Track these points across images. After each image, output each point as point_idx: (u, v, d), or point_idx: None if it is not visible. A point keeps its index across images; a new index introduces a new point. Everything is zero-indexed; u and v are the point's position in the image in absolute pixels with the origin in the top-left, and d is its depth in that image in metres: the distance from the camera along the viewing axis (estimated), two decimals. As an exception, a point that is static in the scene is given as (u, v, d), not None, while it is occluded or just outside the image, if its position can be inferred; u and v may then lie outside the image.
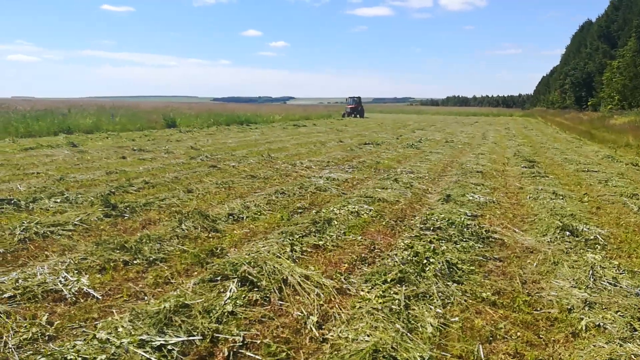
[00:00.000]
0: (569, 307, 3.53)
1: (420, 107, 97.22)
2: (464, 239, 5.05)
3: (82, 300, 3.47)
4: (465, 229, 5.36)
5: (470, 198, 7.16)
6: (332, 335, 3.04)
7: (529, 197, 7.40)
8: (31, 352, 2.77)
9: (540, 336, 3.15)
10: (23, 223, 5.07)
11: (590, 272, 4.12)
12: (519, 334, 3.16)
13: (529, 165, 10.99)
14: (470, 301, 3.60)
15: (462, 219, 5.78)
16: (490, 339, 3.09)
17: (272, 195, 7.08)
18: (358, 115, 42.05)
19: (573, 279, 4.01)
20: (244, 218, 5.78)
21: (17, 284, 3.61)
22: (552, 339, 3.12)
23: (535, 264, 4.46)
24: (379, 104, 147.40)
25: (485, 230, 5.38)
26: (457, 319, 3.31)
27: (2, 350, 2.78)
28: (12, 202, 6.03)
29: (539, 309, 3.54)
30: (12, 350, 2.77)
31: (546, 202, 6.94)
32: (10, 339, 2.89)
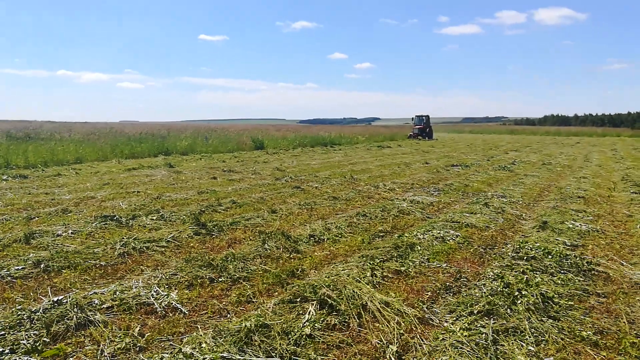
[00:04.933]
0: (690, 355, 3.07)
1: (514, 126, 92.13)
2: (562, 271, 4.63)
3: (170, 314, 3.65)
4: (563, 260, 4.91)
5: (570, 226, 6.58)
6: (412, 368, 2.89)
7: (640, 226, 6.65)
8: (123, 361, 2.94)
9: (655, 387, 2.76)
10: (123, 238, 5.50)
11: None
12: (627, 382, 2.80)
13: (640, 191, 9.91)
14: (568, 340, 3.26)
15: (561, 248, 5.31)
16: (593, 385, 2.77)
17: (353, 217, 7.04)
18: (427, 138, 36.53)
19: (696, 323, 3.50)
20: (325, 240, 5.79)
21: (114, 296, 3.89)
22: (670, 391, 2.72)
23: (647, 302, 3.96)
24: (469, 124, 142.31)
25: (587, 262, 4.89)
26: (552, 358, 3.01)
27: (98, 357, 2.99)
28: (115, 218, 6.58)
29: (652, 354, 3.12)
30: (107, 358, 2.96)
31: (661, 232, 6.18)
32: (106, 347, 3.10)
